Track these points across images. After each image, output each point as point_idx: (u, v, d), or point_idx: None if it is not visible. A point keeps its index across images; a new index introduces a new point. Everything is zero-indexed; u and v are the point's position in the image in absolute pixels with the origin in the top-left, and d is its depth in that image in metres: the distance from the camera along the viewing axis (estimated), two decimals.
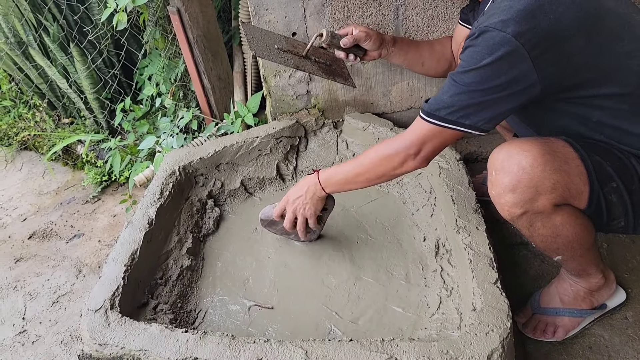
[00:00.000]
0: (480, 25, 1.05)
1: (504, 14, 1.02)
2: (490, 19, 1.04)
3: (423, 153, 1.23)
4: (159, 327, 1.22)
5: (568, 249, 1.22)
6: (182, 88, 2.32)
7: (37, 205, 2.39)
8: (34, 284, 1.92)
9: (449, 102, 1.13)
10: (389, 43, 1.52)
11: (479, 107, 1.11)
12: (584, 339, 1.41)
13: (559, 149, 1.11)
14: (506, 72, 1.05)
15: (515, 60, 1.03)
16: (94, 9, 2.29)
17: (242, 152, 1.83)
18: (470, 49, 1.08)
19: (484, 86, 1.07)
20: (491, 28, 1.03)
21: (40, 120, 2.67)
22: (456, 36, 1.57)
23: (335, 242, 1.65)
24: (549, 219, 1.14)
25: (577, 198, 1.12)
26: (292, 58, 1.49)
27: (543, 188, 1.09)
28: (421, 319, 1.39)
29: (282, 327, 1.42)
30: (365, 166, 1.32)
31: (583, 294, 1.37)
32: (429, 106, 1.17)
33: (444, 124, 1.15)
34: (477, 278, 1.27)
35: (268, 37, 1.52)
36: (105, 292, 1.31)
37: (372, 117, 1.88)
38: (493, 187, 1.15)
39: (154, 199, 1.61)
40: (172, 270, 1.54)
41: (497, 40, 1.02)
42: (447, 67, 1.62)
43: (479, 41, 1.05)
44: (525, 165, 1.08)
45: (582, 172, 1.10)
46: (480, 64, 1.05)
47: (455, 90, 1.11)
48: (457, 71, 1.11)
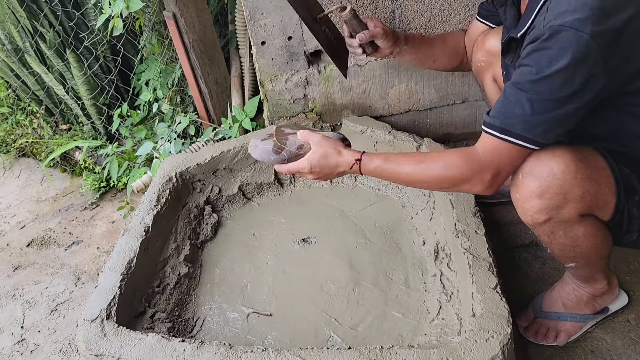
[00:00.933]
0: (552, 24, 0.93)
1: (579, 11, 0.91)
2: (562, 17, 0.92)
3: (499, 179, 1.09)
4: (156, 337, 1.20)
5: (584, 259, 1.20)
6: (179, 93, 2.31)
7: (36, 213, 2.38)
8: (32, 292, 1.91)
9: (523, 116, 1.00)
10: (402, 42, 1.47)
11: (556, 121, 1.00)
12: (585, 343, 1.39)
13: (590, 157, 1.07)
14: (580, 76, 0.94)
15: (589, 63, 0.93)
16: (90, 15, 2.29)
17: (240, 157, 1.82)
18: (539, 52, 0.95)
19: (558, 95, 0.96)
20: (567, 27, 0.91)
21: (38, 127, 2.66)
22: (471, 32, 1.52)
23: (334, 247, 1.63)
24: (571, 229, 1.11)
25: (603, 209, 1.09)
26: (306, 12, 1.38)
27: (572, 196, 1.04)
28: (421, 325, 1.37)
29: (281, 334, 1.41)
30: (427, 179, 1.16)
31: (586, 298, 1.35)
32: (499, 120, 1.02)
33: (521, 142, 1.02)
34: (476, 283, 1.26)
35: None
36: (101, 301, 1.31)
37: (370, 121, 1.87)
38: (518, 190, 1.10)
39: (151, 206, 1.60)
40: (169, 278, 1.53)
41: (574, 41, 0.91)
42: (458, 62, 1.58)
43: (551, 43, 0.93)
44: (556, 171, 1.03)
45: (611, 182, 1.07)
46: (553, 68, 0.94)
47: (528, 101, 0.98)
48: (525, 79, 0.98)
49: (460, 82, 1.85)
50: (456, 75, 1.84)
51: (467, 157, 1.09)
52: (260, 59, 1.76)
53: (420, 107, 1.91)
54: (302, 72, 1.81)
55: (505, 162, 1.06)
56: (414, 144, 1.73)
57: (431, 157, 1.17)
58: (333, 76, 1.82)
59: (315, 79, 1.82)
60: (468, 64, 1.57)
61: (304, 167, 1.23)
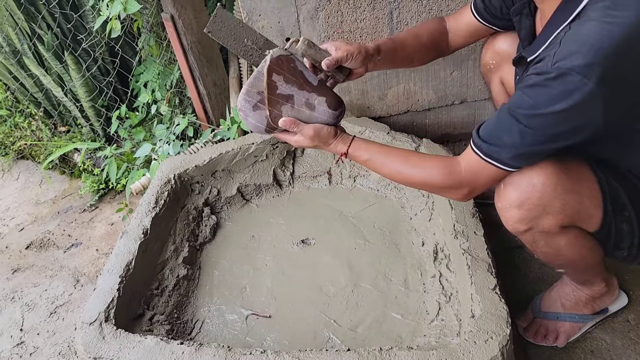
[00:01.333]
0: (561, 64, 0.91)
1: (589, 56, 0.88)
2: (572, 59, 0.90)
3: (475, 193, 1.13)
4: (154, 340, 1.20)
5: (571, 266, 1.20)
6: (177, 94, 2.31)
7: (35, 215, 2.37)
8: (31, 295, 1.91)
9: (512, 145, 1.01)
10: (374, 54, 1.33)
11: (540, 152, 1.01)
12: (585, 343, 1.39)
13: (574, 169, 1.06)
14: (576, 119, 0.95)
15: (590, 109, 0.93)
16: (88, 17, 2.29)
17: (238, 159, 1.82)
18: (542, 88, 0.94)
19: (551, 131, 0.96)
20: (574, 73, 0.89)
21: (37, 129, 2.66)
22: (462, 24, 1.43)
23: (333, 248, 1.63)
24: (553, 239, 1.11)
25: (587, 221, 1.08)
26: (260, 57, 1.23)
27: (551, 208, 1.05)
28: (420, 326, 1.37)
29: (280, 336, 1.40)
30: (408, 179, 1.19)
31: (585, 299, 1.35)
32: (487, 146, 1.04)
33: (504, 167, 1.04)
34: (475, 284, 1.26)
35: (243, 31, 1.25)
36: (99, 304, 1.30)
37: (368, 121, 1.87)
38: (499, 199, 1.11)
39: (149, 208, 1.60)
40: (168, 280, 1.53)
41: (579, 88, 0.90)
42: (436, 53, 1.48)
43: (556, 83, 0.92)
44: (536, 183, 1.04)
45: (596, 195, 1.06)
46: (551, 108, 0.93)
47: (519, 132, 0.98)
48: (523, 112, 0.97)
49: (459, 83, 1.85)
50: (454, 76, 1.84)
51: (451, 170, 1.12)
52: None
53: (418, 108, 1.91)
54: None
55: (484, 180, 1.09)
56: (413, 145, 1.72)
57: (417, 159, 1.19)
58: None
59: None
60: (448, 51, 1.48)
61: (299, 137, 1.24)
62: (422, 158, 1.19)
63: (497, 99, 1.51)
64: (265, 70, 1.15)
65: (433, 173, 1.14)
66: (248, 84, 1.17)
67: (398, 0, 1.65)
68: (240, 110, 1.21)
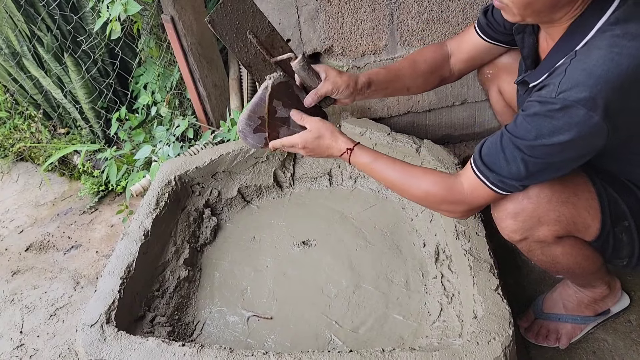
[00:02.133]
0: (564, 95, 0.89)
1: (596, 89, 0.86)
2: (577, 90, 0.88)
3: (471, 213, 1.14)
4: (156, 341, 1.20)
5: (568, 273, 1.21)
6: (177, 96, 2.31)
7: (34, 217, 2.37)
8: (31, 297, 1.91)
9: (513, 172, 1.00)
10: (364, 87, 1.29)
11: (538, 177, 1.02)
12: (587, 344, 1.39)
13: (571, 179, 1.06)
14: (578, 149, 0.94)
15: (596, 137, 0.92)
16: (88, 19, 2.28)
17: (239, 160, 1.82)
18: (545, 118, 0.92)
19: (551, 160, 0.96)
20: (579, 106, 0.87)
21: (36, 131, 2.66)
22: (464, 47, 1.37)
23: (334, 249, 1.63)
24: (549, 248, 1.12)
25: (583, 232, 1.08)
26: (256, 55, 1.24)
27: (546, 219, 1.05)
28: (422, 327, 1.37)
29: (281, 338, 1.40)
30: (408, 190, 1.18)
31: (587, 301, 1.35)
32: (490, 173, 1.03)
33: (501, 192, 1.04)
34: (477, 285, 1.25)
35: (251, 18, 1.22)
36: (100, 306, 1.30)
37: (369, 123, 1.87)
38: (495, 209, 1.12)
39: (150, 210, 1.59)
40: (169, 282, 1.52)
41: (584, 121, 0.88)
42: (437, 81, 1.42)
43: (560, 115, 0.90)
44: (530, 195, 1.04)
45: (593, 205, 1.06)
46: (554, 140, 0.92)
47: (520, 160, 0.97)
48: (526, 143, 0.96)
49: (459, 84, 1.85)
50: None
51: (452, 189, 1.11)
52: None
53: (419, 109, 1.91)
54: None
55: (485, 201, 1.09)
56: (414, 146, 1.72)
57: (419, 172, 1.17)
58: None
59: None
60: (452, 77, 1.43)
61: (297, 144, 1.25)
62: (424, 171, 1.18)
63: (496, 107, 1.50)
64: (267, 97, 1.20)
65: (436, 187, 1.13)
66: (250, 110, 1.23)
67: (399, 2, 1.65)
68: (240, 132, 1.26)
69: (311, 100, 1.26)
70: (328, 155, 1.25)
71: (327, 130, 1.23)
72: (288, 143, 1.27)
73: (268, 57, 1.25)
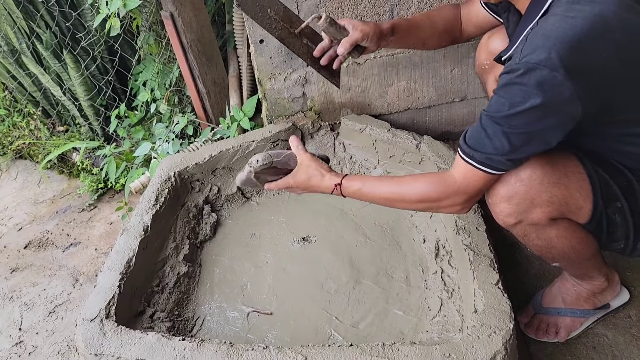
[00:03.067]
0: (527, 59, 0.93)
1: (554, 49, 0.90)
2: (537, 53, 0.92)
3: (470, 203, 1.14)
4: (156, 336, 1.19)
5: (564, 259, 1.21)
6: (177, 93, 2.31)
7: (33, 215, 2.36)
8: (30, 294, 1.90)
9: (498, 148, 1.01)
10: (388, 34, 1.38)
11: (530, 149, 1.02)
12: (587, 339, 1.39)
13: (561, 161, 1.07)
14: (555, 115, 0.96)
15: (565, 103, 0.94)
16: (87, 16, 2.28)
17: (239, 157, 1.81)
18: (514, 86, 0.95)
19: (531, 128, 0.98)
20: (541, 66, 0.91)
21: (35, 129, 2.65)
22: (472, 14, 1.43)
23: (334, 245, 1.63)
24: (543, 231, 1.12)
25: (576, 213, 1.09)
26: (283, 30, 1.36)
27: (539, 201, 1.06)
28: (422, 322, 1.37)
29: (281, 333, 1.40)
30: (404, 198, 1.19)
31: (586, 294, 1.35)
32: (474, 152, 1.05)
33: (495, 172, 1.05)
34: (478, 279, 1.25)
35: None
36: (100, 301, 1.29)
37: (369, 119, 1.87)
38: (489, 195, 1.13)
39: (150, 206, 1.59)
40: (168, 278, 1.52)
41: (548, 80, 0.91)
42: (450, 40, 1.49)
43: (526, 79, 0.93)
44: (523, 177, 1.05)
45: (584, 187, 1.06)
46: (527, 105, 0.94)
47: (502, 133, 0.99)
48: (501, 114, 0.98)
49: (459, 80, 1.85)
50: (455, 74, 1.84)
51: (446, 183, 1.12)
52: (259, 57, 1.76)
53: (419, 105, 1.91)
54: (301, 71, 1.80)
55: (481, 187, 1.10)
56: (414, 142, 1.72)
57: (409, 179, 1.20)
58: None
59: (314, 78, 1.82)
60: (462, 39, 1.50)
61: (291, 184, 1.32)
62: (413, 177, 1.21)
63: None
64: (252, 177, 1.36)
65: (429, 188, 1.15)
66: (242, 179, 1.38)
67: None
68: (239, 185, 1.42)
69: (344, 49, 1.33)
70: (321, 190, 1.30)
71: (315, 170, 1.29)
72: (283, 185, 1.34)
73: (292, 30, 1.37)
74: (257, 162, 1.32)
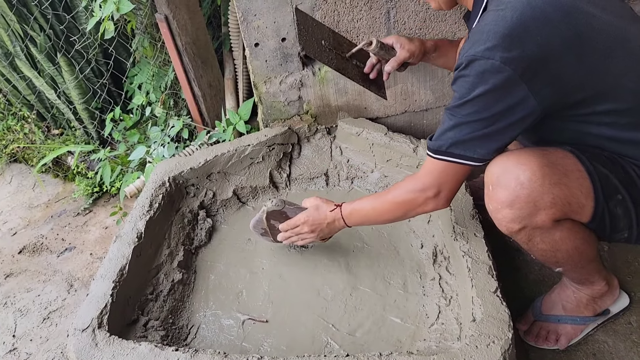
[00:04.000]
0: (467, 53, 1.01)
1: (489, 40, 0.98)
2: (475, 47, 1.00)
3: (443, 193, 1.19)
4: (149, 346, 1.17)
5: (568, 262, 1.19)
6: (172, 96, 2.29)
7: (28, 219, 2.34)
8: (24, 300, 1.88)
9: (452, 137, 1.09)
10: (431, 51, 1.50)
11: (484, 138, 1.07)
12: (587, 346, 1.37)
13: (559, 161, 1.07)
14: (502, 100, 1.01)
15: (509, 87, 0.99)
16: (81, 18, 2.26)
17: (234, 161, 1.79)
18: (461, 79, 1.04)
19: (482, 115, 1.04)
20: (478, 57, 0.99)
21: (29, 132, 2.63)
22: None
23: (330, 251, 1.61)
24: (548, 234, 1.11)
25: (579, 212, 1.08)
26: (336, 58, 1.48)
27: (542, 203, 1.05)
28: (420, 330, 1.35)
29: (277, 341, 1.38)
30: (386, 209, 1.29)
31: (586, 301, 1.34)
32: (433, 143, 1.13)
33: (454, 160, 1.11)
34: (476, 287, 1.24)
35: (317, 30, 1.49)
36: (92, 310, 1.27)
37: (365, 122, 1.85)
38: (490, 201, 1.12)
39: (143, 212, 1.57)
40: (163, 285, 1.50)
41: (487, 69, 0.98)
42: None
43: (468, 71, 1.02)
44: (523, 180, 1.04)
45: (585, 184, 1.06)
46: (473, 94, 1.02)
47: (455, 123, 1.07)
48: (453, 105, 1.07)
49: None
50: (452, 76, 1.81)
51: (411, 180, 1.23)
52: (254, 60, 1.74)
53: (416, 108, 1.89)
54: (297, 74, 1.78)
55: (445, 179, 1.16)
56: (411, 146, 1.70)
57: (384, 192, 1.31)
58: (328, 78, 1.79)
59: (310, 81, 1.80)
60: None
61: (301, 219, 1.43)
62: (388, 189, 1.31)
63: None
64: (264, 219, 1.50)
65: (399, 192, 1.25)
66: (254, 221, 1.54)
67: (395, 0, 1.63)
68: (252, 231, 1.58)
69: (391, 67, 1.48)
70: (327, 223, 1.41)
71: (321, 201, 1.43)
72: (293, 223, 1.45)
73: (343, 55, 1.51)
74: (271, 202, 1.47)
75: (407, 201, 1.24)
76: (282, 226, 1.48)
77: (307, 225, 1.43)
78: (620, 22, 1.05)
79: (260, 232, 1.57)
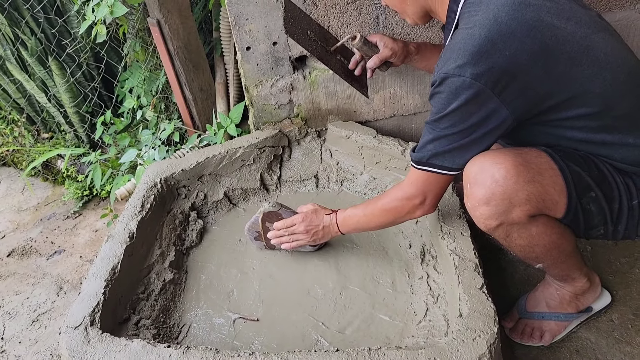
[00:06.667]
0: (440, 71, 1.07)
1: (459, 58, 1.04)
2: (447, 65, 1.06)
3: (428, 200, 1.26)
4: (141, 343, 1.18)
5: (547, 257, 1.23)
6: (163, 100, 2.30)
7: (17, 222, 2.34)
8: (13, 303, 1.88)
9: (432, 149, 1.16)
10: (413, 53, 1.54)
11: (461, 149, 1.13)
12: (570, 343, 1.41)
13: (533, 160, 1.12)
14: (476, 113, 1.07)
15: (481, 101, 1.05)
16: (73, 22, 2.27)
17: (225, 163, 1.81)
18: (436, 96, 1.10)
19: (458, 128, 1.10)
20: (450, 74, 1.05)
21: (19, 135, 2.63)
22: None
23: (320, 252, 1.63)
24: (525, 230, 1.15)
25: (553, 209, 1.13)
26: (320, 49, 1.50)
27: (517, 200, 1.09)
28: (408, 327, 1.37)
29: (268, 339, 1.39)
30: (376, 216, 1.36)
31: (569, 297, 1.37)
32: (416, 155, 1.20)
33: (435, 170, 1.19)
34: (463, 284, 1.26)
35: (304, 21, 1.51)
36: (84, 308, 1.28)
37: (355, 126, 1.88)
38: (468, 199, 1.16)
39: (135, 212, 1.58)
40: (154, 284, 1.51)
41: (459, 85, 1.04)
42: None
43: (442, 88, 1.08)
44: (498, 178, 1.09)
45: (558, 182, 1.11)
46: (448, 109, 1.08)
47: (434, 137, 1.14)
48: (431, 119, 1.14)
49: None
50: None
51: (398, 189, 1.30)
52: (245, 64, 1.77)
53: (404, 112, 1.92)
54: (288, 78, 1.81)
55: (428, 187, 1.24)
56: (399, 148, 1.74)
57: (377, 197, 1.37)
58: (318, 81, 1.82)
59: (301, 84, 1.83)
60: None
61: (297, 218, 1.49)
62: (378, 197, 1.38)
63: None
64: (259, 220, 1.55)
65: (388, 200, 1.32)
66: (249, 224, 1.59)
67: (384, 5, 1.67)
68: (246, 235, 1.63)
69: (373, 64, 1.51)
70: (324, 224, 1.47)
71: (318, 206, 1.50)
72: (290, 222, 1.50)
73: (328, 48, 1.53)
74: (268, 203, 1.53)
75: (396, 209, 1.31)
76: (277, 224, 1.52)
77: (303, 224, 1.47)
78: (584, 32, 1.09)
79: (254, 235, 1.60)
